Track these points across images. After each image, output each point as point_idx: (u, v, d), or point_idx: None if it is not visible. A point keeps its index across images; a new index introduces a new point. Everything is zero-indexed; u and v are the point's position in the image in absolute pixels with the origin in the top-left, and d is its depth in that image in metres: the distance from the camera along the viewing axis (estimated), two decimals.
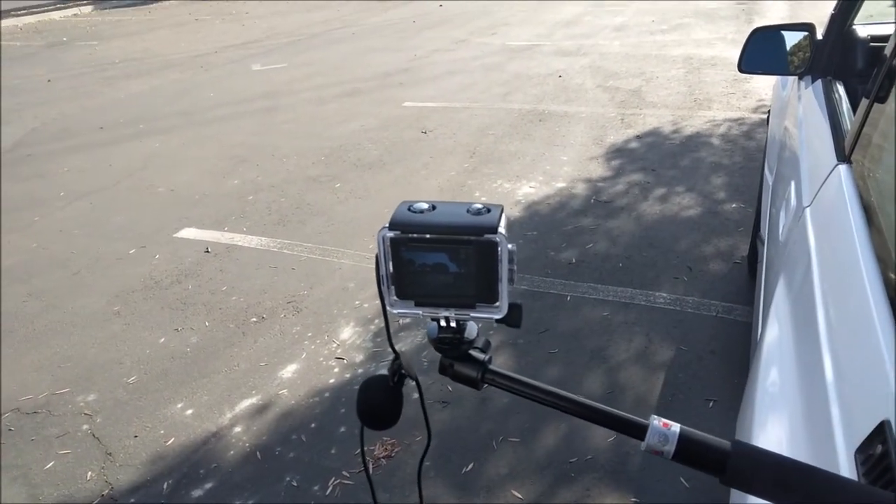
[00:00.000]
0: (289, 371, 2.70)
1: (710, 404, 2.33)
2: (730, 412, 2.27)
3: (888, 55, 1.09)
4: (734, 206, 3.75)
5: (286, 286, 3.34)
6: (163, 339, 2.98)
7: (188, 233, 4.06)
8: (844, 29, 1.96)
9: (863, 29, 2.09)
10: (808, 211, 1.20)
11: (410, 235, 0.62)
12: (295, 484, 2.16)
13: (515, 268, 0.62)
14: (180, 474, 2.23)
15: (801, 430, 0.77)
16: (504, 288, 0.63)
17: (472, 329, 0.68)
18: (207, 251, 3.78)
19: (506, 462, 2.16)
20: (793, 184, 1.47)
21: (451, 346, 0.68)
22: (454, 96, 6.59)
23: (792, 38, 2.08)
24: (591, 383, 2.48)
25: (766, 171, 2.53)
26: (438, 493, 2.05)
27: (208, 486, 2.18)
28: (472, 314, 0.65)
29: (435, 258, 0.62)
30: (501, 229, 0.60)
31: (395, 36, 10.31)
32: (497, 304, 0.64)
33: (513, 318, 0.65)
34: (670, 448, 0.57)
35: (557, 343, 2.72)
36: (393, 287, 0.65)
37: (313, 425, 2.40)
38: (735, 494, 0.90)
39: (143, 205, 4.56)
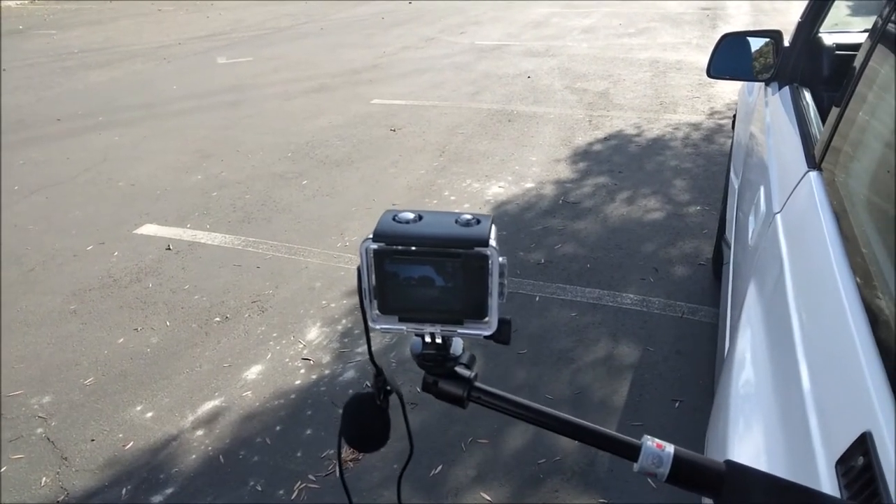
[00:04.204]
0: (253, 372, 2.64)
1: (676, 404, 2.35)
2: (695, 412, 2.30)
3: (858, 65, 1.11)
4: (698, 208, 3.81)
5: (251, 285, 3.27)
6: (122, 340, 2.89)
7: (149, 229, 3.95)
8: (811, 36, 1.99)
9: (829, 37, 2.13)
10: (778, 217, 1.21)
11: (395, 247, 0.59)
12: (259, 488, 2.11)
13: (506, 282, 0.60)
14: (139, 479, 2.16)
15: (778, 440, 0.77)
16: (494, 303, 0.60)
17: (457, 345, 0.66)
18: (169, 248, 3.69)
19: (474, 464, 2.15)
20: (762, 189, 1.48)
21: (435, 362, 0.65)
22: (423, 94, 6.56)
23: (759, 45, 2.11)
24: (558, 384, 2.49)
25: (732, 176, 2.57)
26: (406, 496, 2.03)
27: (169, 491, 2.12)
28: (460, 330, 0.62)
29: (421, 271, 0.59)
30: (492, 241, 0.58)
31: (363, 32, 10.23)
32: (486, 319, 0.61)
33: (502, 334, 0.62)
34: (664, 470, 0.56)
35: (526, 344, 2.72)
36: (375, 301, 0.62)
37: (278, 428, 2.35)
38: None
39: (102, 199, 4.43)
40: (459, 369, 0.66)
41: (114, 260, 3.59)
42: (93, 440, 2.33)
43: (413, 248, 0.59)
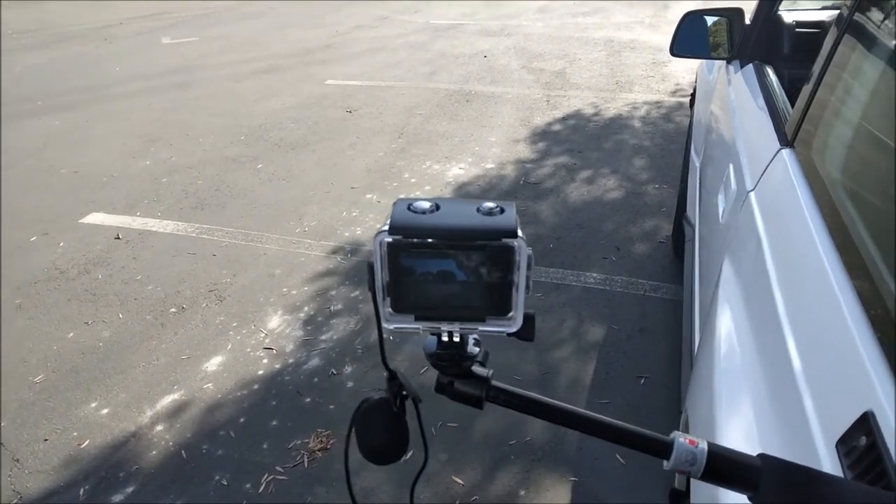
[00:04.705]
0: (213, 363, 2.56)
1: (642, 381, 2.38)
2: (660, 388, 2.33)
3: (831, 42, 1.11)
4: (656, 187, 3.85)
5: (207, 274, 3.17)
6: (72, 334, 2.77)
7: (96, 218, 3.78)
8: (771, 14, 2.01)
9: (788, 14, 2.16)
10: (752, 195, 1.21)
11: (412, 240, 0.54)
12: (225, 483, 2.05)
13: (531, 273, 0.56)
14: (97, 478, 2.08)
15: (770, 420, 0.76)
16: (521, 298, 0.56)
17: (472, 341, 0.62)
18: (118, 238, 3.54)
19: (445, 448, 2.13)
20: (731, 167, 1.49)
21: (451, 362, 0.61)
22: (378, 75, 6.45)
23: (720, 23, 2.11)
24: (526, 365, 2.49)
25: (693, 154, 2.59)
26: (378, 483, 2.00)
27: (129, 489, 2.04)
28: (481, 328, 0.58)
29: (440, 266, 0.55)
30: (520, 232, 0.54)
31: (314, 11, 9.98)
32: (510, 315, 0.57)
33: (527, 330, 0.58)
34: (699, 467, 0.53)
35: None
36: (388, 299, 0.57)
37: (242, 420, 2.29)
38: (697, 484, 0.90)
39: (45, 188, 4.22)
40: (476, 368, 0.62)
41: (60, 251, 3.43)
42: (46, 440, 2.23)
43: (432, 240, 0.54)
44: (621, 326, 2.68)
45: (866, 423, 0.58)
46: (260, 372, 2.51)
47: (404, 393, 0.64)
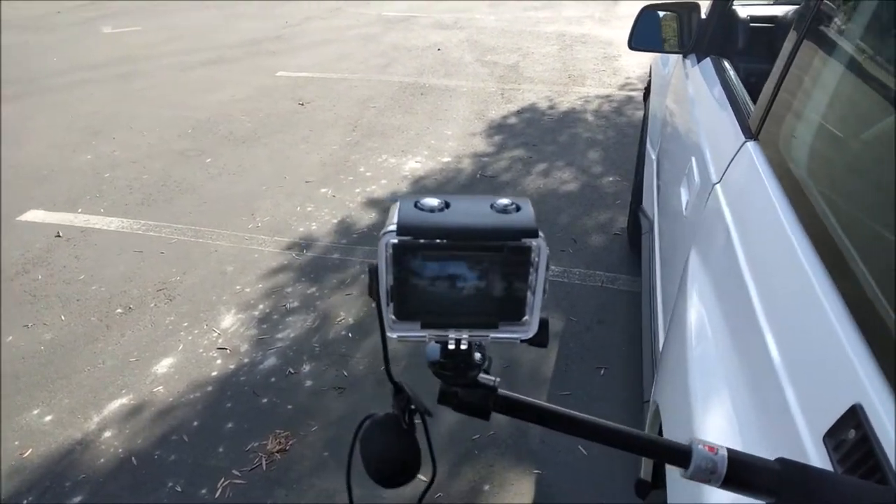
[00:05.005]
0: (164, 366, 2.46)
1: (602, 372, 2.40)
2: (620, 379, 2.35)
3: (797, 36, 1.11)
4: (611, 179, 3.89)
5: (155, 272, 3.05)
6: (10, 338, 2.62)
7: (34, 215, 3.59)
8: (727, 9, 2.03)
9: (743, 9, 2.19)
10: (718, 188, 1.21)
11: (421, 241, 0.50)
12: (179, 489, 1.97)
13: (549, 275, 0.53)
14: (42, 489, 1.97)
15: (751, 415, 0.75)
16: (537, 302, 0.53)
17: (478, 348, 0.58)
18: (59, 236, 3.37)
19: None
20: (693, 160, 1.50)
21: (457, 371, 0.57)
22: (331, 67, 6.34)
23: (677, 17, 2.13)
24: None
25: (649, 147, 2.62)
26: (340, 485, 1.96)
27: (77, 499, 1.94)
28: (493, 335, 0.54)
29: (450, 268, 0.51)
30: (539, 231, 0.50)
31: (262, 2, 9.74)
32: (525, 320, 0.53)
33: (542, 336, 0.55)
34: (719, 475, 0.51)
35: None
36: (392, 304, 0.53)
37: (196, 423, 2.20)
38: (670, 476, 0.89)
39: None
40: (482, 377, 0.59)
41: None
42: None
43: (443, 241, 0.50)
44: (580, 318, 2.69)
45: (855, 417, 0.58)
46: (213, 373, 2.42)
47: (412, 407, 0.60)
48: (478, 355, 0.58)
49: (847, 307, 0.69)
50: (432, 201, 0.52)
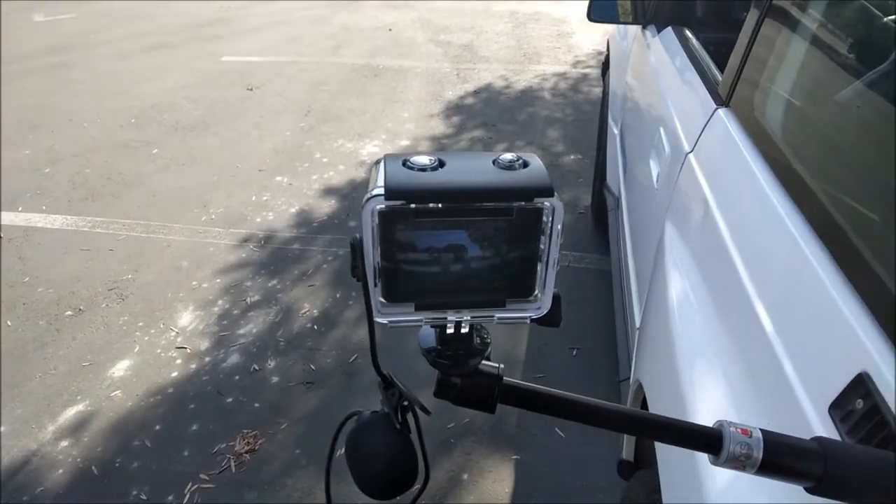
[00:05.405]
0: (120, 368, 2.35)
1: (574, 352, 2.38)
2: (593, 358, 2.34)
3: (761, 3, 1.09)
4: (572, 157, 3.87)
5: (105, 271, 2.91)
6: None
7: None
8: None
9: None
10: (691, 157, 1.18)
11: (412, 206, 0.42)
12: (144, 497, 1.88)
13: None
14: None
15: (748, 388, 0.72)
16: (550, 274, 0.46)
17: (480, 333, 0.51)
18: None
19: None
20: (662, 131, 1.47)
21: (456, 360, 0.49)
22: (279, 50, 6.15)
23: None
24: None
25: (611, 122, 2.59)
26: (314, 483, 1.90)
27: None
28: (499, 315, 0.47)
29: (449, 238, 0.43)
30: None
31: None
32: (535, 296, 0.46)
33: (555, 314, 0.48)
34: (755, 461, 0.45)
35: None
36: (380, 284, 0.45)
37: (158, 427, 2.11)
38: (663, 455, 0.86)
39: None
40: (484, 365, 0.51)
41: None
42: None
43: (439, 205, 0.42)
44: None
45: (862, 386, 0.55)
46: (174, 374, 2.32)
47: (405, 403, 0.53)
48: (489, 342, 0.51)
49: (842, 270, 0.66)
50: (423, 159, 0.44)
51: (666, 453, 0.87)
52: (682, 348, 0.92)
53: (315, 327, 2.52)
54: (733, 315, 0.84)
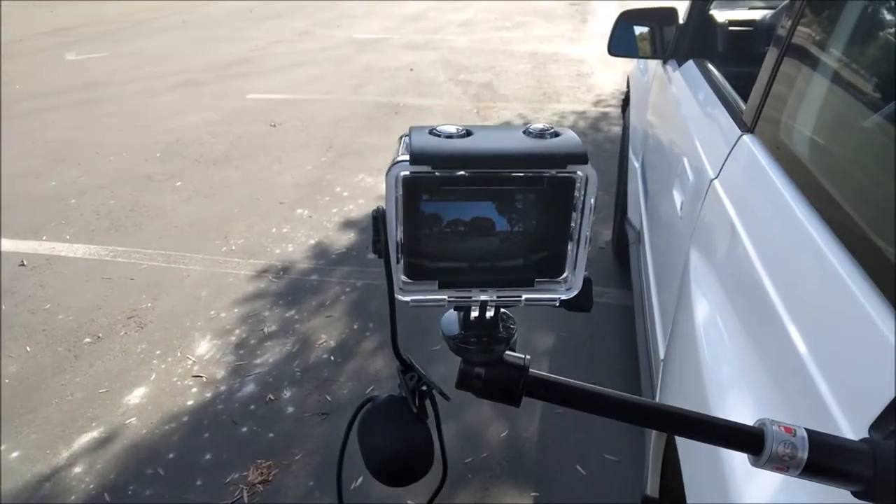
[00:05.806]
0: (136, 396, 2.34)
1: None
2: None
3: (790, 25, 1.08)
4: None
5: (124, 299, 2.92)
6: None
7: None
8: (704, 13, 2.03)
9: (720, 13, 2.19)
10: (716, 183, 1.17)
11: (437, 174, 0.40)
12: None
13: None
14: None
15: (781, 412, 0.70)
16: (583, 251, 0.43)
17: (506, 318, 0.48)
18: (23, 264, 3.23)
19: None
20: (685, 160, 1.46)
21: (481, 346, 0.47)
22: (303, 88, 6.28)
23: (655, 24, 2.12)
24: None
25: (632, 157, 2.59)
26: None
27: None
28: (527, 295, 0.45)
29: (475, 211, 0.41)
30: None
31: (231, 25, 9.69)
32: (565, 276, 0.44)
33: (585, 297, 0.46)
34: (799, 461, 0.42)
35: (438, 340, 2.60)
36: (402, 260, 0.43)
37: (171, 455, 2.08)
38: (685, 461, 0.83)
39: None
40: (509, 354, 0.48)
41: None
42: None
43: (465, 173, 0.40)
44: (571, 333, 2.63)
45: None
46: (189, 402, 2.30)
47: (423, 388, 0.50)
48: (515, 330, 0.49)
49: (877, 289, 0.64)
50: (450, 128, 0.42)
51: (696, 487, 0.84)
52: (710, 372, 0.90)
53: (332, 358, 2.50)
54: (764, 339, 0.82)
